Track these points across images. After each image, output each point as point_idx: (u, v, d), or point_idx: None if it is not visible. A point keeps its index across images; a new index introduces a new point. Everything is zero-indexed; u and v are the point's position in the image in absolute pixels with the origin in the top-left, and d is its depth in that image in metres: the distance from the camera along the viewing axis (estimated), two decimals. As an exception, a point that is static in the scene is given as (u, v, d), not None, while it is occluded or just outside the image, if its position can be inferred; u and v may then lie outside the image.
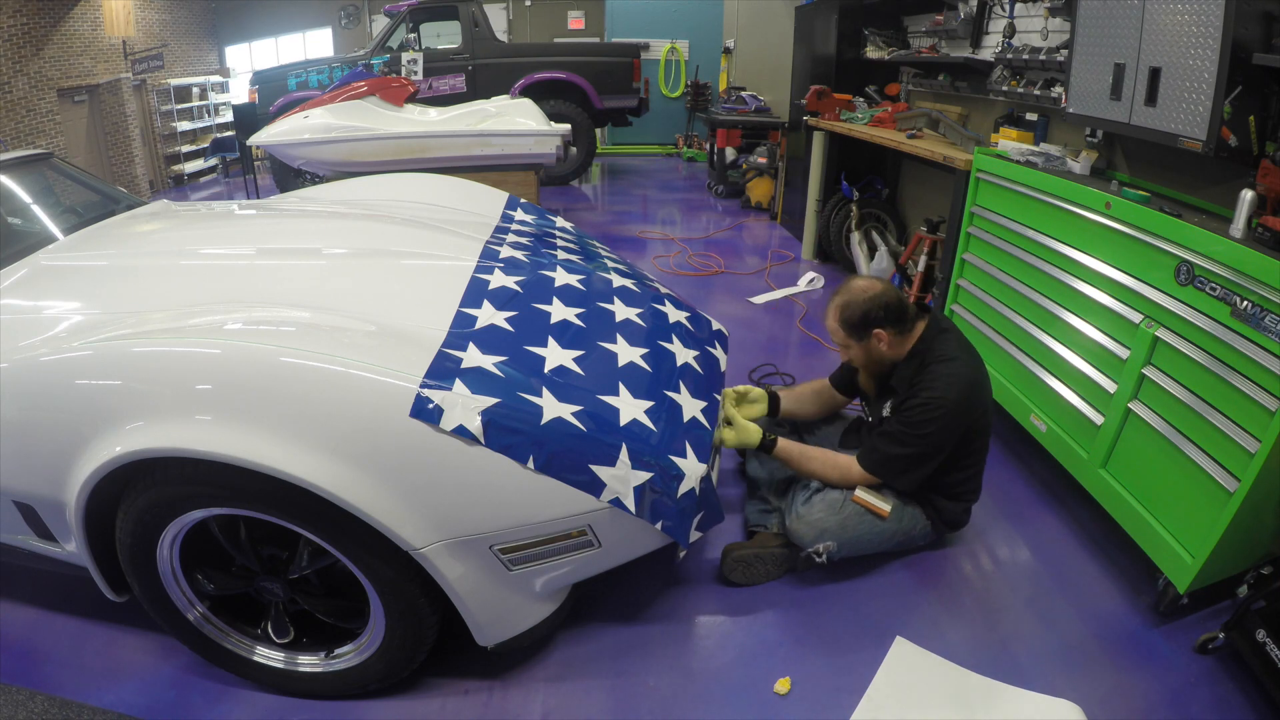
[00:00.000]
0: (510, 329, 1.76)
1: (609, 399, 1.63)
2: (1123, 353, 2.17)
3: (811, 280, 4.75)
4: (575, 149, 7.59)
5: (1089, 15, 2.60)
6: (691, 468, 1.58)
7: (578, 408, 1.55)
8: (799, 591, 2.09)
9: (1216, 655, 1.87)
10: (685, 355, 1.98)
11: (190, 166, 9.21)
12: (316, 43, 10.77)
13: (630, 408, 1.63)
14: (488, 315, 1.79)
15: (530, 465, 1.45)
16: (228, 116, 9.47)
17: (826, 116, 4.89)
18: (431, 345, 1.59)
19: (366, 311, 1.72)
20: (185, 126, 9.18)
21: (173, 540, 1.57)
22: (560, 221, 2.98)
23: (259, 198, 5.21)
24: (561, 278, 2.13)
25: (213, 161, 9.62)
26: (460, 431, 1.41)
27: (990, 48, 3.75)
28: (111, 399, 1.45)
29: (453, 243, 2.29)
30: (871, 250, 4.69)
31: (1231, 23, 1.98)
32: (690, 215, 6.90)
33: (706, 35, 10.09)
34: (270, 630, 1.73)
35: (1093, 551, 2.28)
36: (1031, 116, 3.36)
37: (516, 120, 5.63)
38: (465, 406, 1.43)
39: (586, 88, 8.08)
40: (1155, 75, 2.29)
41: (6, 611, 1.96)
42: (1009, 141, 3.05)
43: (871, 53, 4.91)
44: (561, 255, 2.37)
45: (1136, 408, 2.10)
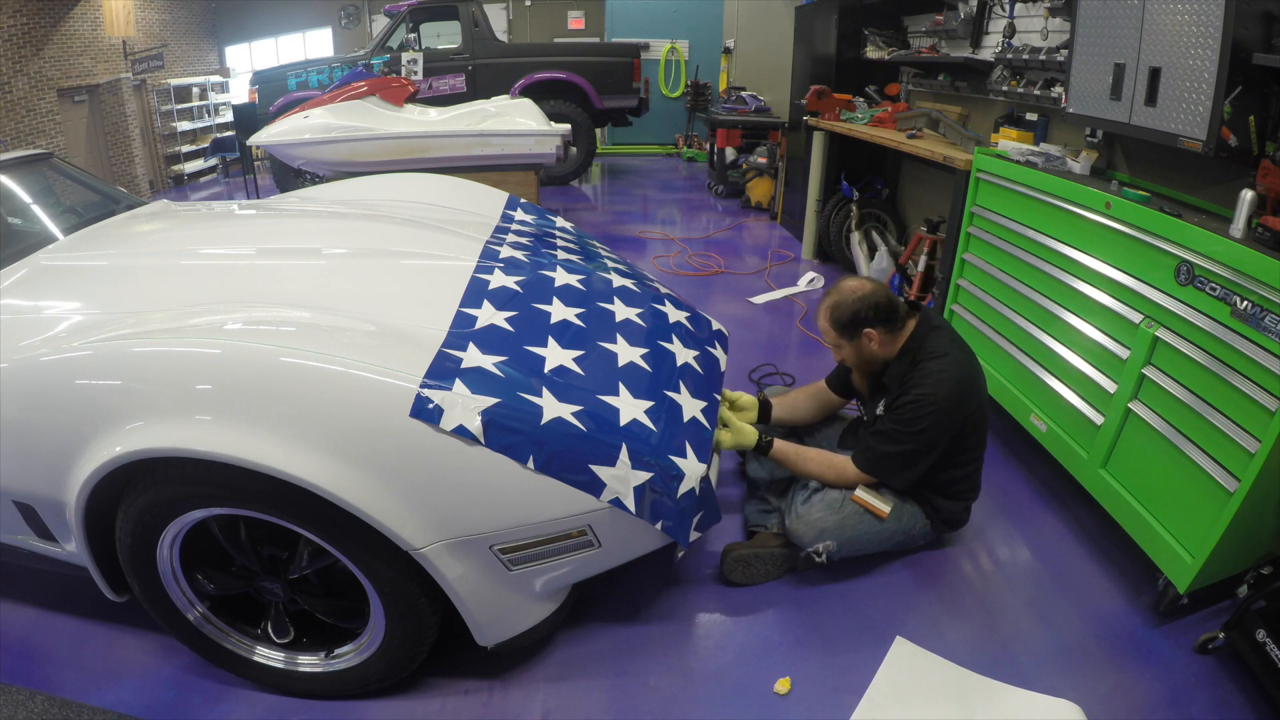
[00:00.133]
0: (510, 329, 1.76)
1: (609, 399, 1.63)
2: (1123, 353, 2.17)
3: (811, 280, 4.75)
4: (575, 149, 7.59)
5: (1089, 15, 2.60)
6: (691, 468, 1.58)
7: (578, 408, 1.55)
8: (799, 591, 2.09)
9: (1216, 655, 1.87)
10: (685, 355, 1.98)
11: (190, 166, 9.22)
12: (316, 43, 10.77)
13: (630, 408, 1.63)
14: (488, 315, 1.79)
15: (530, 465, 1.45)
16: (228, 116, 9.47)
17: (826, 116, 4.89)
18: (431, 345, 1.59)
19: (366, 311, 1.72)
20: (185, 126, 9.18)
21: (173, 540, 1.57)
22: (560, 221, 2.98)
23: (259, 198, 5.21)
24: (561, 278, 2.13)
25: (213, 161, 9.62)
26: (460, 431, 1.41)
27: (990, 48, 3.75)
28: (111, 399, 1.45)
29: (453, 243, 2.29)
30: (871, 250, 4.69)
31: (1231, 23, 1.98)
32: (690, 215, 6.90)
33: (706, 35, 10.09)
34: (270, 630, 1.73)
35: (1093, 551, 2.28)
36: (1031, 116, 3.36)
37: (516, 120, 5.63)
38: (465, 406, 1.43)
39: (586, 88, 8.08)
40: (1155, 75, 2.29)
41: (6, 611, 1.96)
42: (1009, 141, 3.05)
43: (871, 53, 4.91)
44: (561, 255, 2.37)
45: (1136, 408, 2.10)
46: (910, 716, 1.70)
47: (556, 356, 1.71)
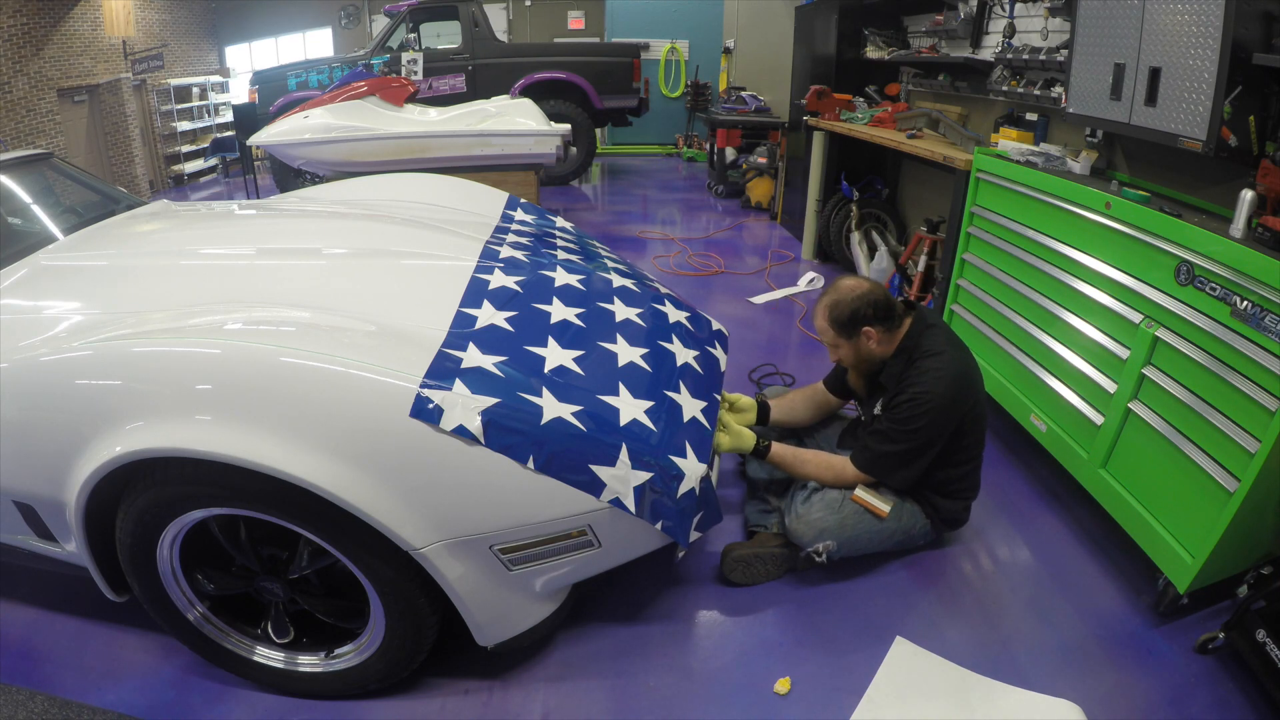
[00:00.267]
0: (510, 329, 1.76)
1: (609, 399, 1.63)
2: (1123, 353, 2.17)
3: (811, 280, 4.75)
4: (575, 149, 7.59)
5: (1089, 15, 2.60)
6: (691, 468, 1.58)
7: (578, 408, 1.55)
8: (799, 591, 2.09)
9: (1216, 655, 1.87)
10: (685, 355, 1.98)
11: (190, 166, 9.22)
12: (316, 43, 10.78)
13: (630, 408, 1.63)
14: (488, 315, 1.80)
15: (530, 465, 1.45)
16: (228, 116, 9.47)
17: (826, 116, 4.89)
18: (431, 345, 1.59)
19: (366, 311, 1.72)
20: (185, 126, 9.18)
21: (173, 540, 1.57)
22: (560, 221, 2.98)
23: (259, 198, 5.21)
24: (561, 278, 2.13)
25: (213, 161, 9.62)
26: (460, 431, 1.41)
27: (990, 48, 3.75)
28: (111, 399, 1.45)
29: (453, 243, 2.29)
30: (871, 250, 4.69)
31: (1231, 23, 1.98)
32: (690, 215, 6.90)
33: (706, 35, 10.08)
34: (270, 630, 1.73)
35: (1093, 551, 2.28)
36: (1031, 116, 3.36)
37: (516, 120, 5.63)
38: (465, 406, 1.43)
39: (586, 88, 8.08)
40: (1155, 75, 2.29)
41: (6, 611, 1.96)
42: (1009, 141, 3.05)
43: (871, 53, 4.91)
44: (561, 255, 2.37)
45: (1136, 408, 2.10)
46: (910, 716, 1.70)
47: (556, 356, 1.71)
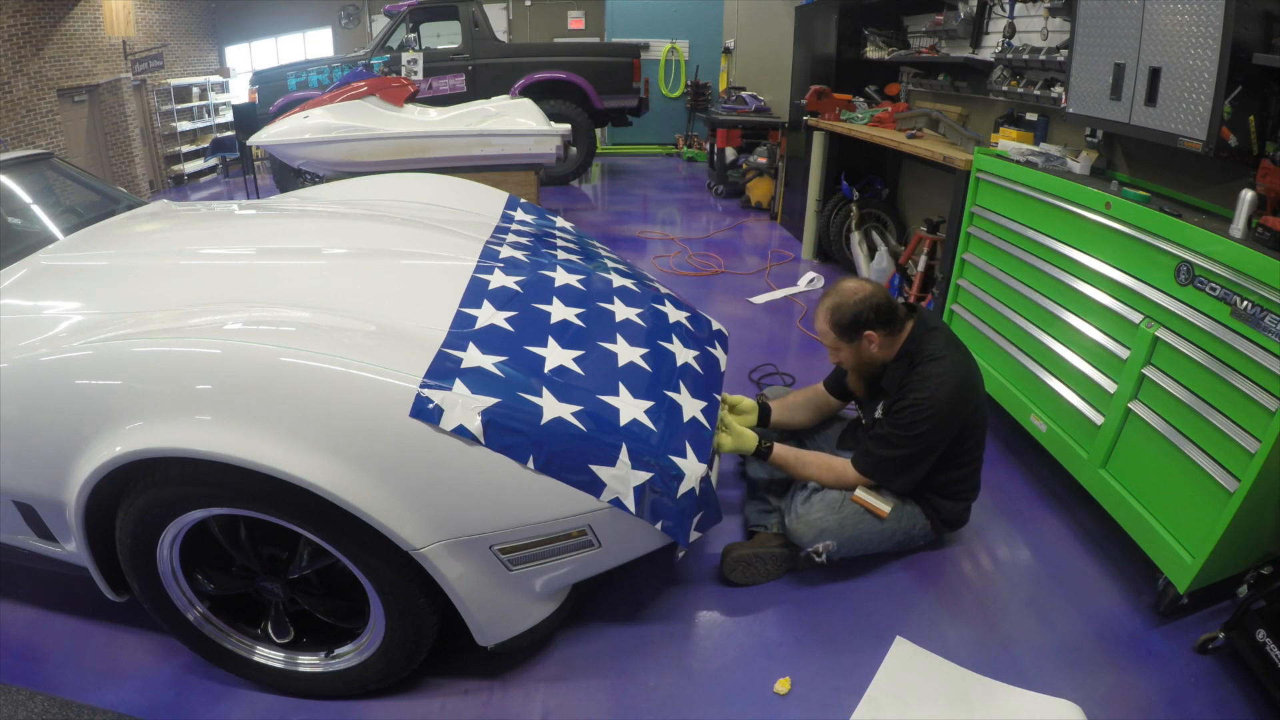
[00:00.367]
0: (510, 329, 1.76)
1: (609, 399, 1.63)
2: (1123, 353, 2.17)
3: (811, 280, 4.75)
4: (575, 149, 7.59)
5: (1089, 15, 2.60)
6: (691, 468, 1.58)
7: (578, 408, 1.55)
8: (799, 591, 2.09)
9: (1216, 655, 1.87)
10: (685, 355, 1.97)
11: (190, 166, 9.21)
12: (316, 43, 10.77)
13: (630, 408, 1.63)
14: (488, 315, 1.79)
15: (530, 465, 1.45)
16: (228, 116, 9.47)
17: (826, 116, 4.89)
18: (431, 345, 1.59)
19: (366, 311, 1.72)
20: (185, 126, 9.18)
21: (173, 540, 1.57)
22: (560, 221, 2.98)
23: (259, 198, 5.21)
24: (561, 278, 2.13)
25: (213, 161, 9.62)
26: (460, 431, 1.41)
27: (990, 48, 3.75)
28: (111, 399, 1.45)
29: (453, 243, 2.29)
30: (871, 250, 4.69)
31: (1231, 23, 1.98)
32: (690, 215, 6.90)
33: (706, 35, 10.08)
34: (270, 630, 1.73)
35: (1093, 551, 2.28)
36: (1031, 116, 3.36)
37: (516, 120, 5.63)
38: (465, 406, 1.43)
39: (586, 88, 8.08)
40: (1155, 75, 2.29)
41: (6, 611, 1.96)
42: (1009, 141, 3.05)
43: (871, 53, 4.91)
44: (561, 255, 2.37)
45: (1136, 408, 2.10)
46: (910, 716, 1.70)
47: (556, 356, 1.71)
